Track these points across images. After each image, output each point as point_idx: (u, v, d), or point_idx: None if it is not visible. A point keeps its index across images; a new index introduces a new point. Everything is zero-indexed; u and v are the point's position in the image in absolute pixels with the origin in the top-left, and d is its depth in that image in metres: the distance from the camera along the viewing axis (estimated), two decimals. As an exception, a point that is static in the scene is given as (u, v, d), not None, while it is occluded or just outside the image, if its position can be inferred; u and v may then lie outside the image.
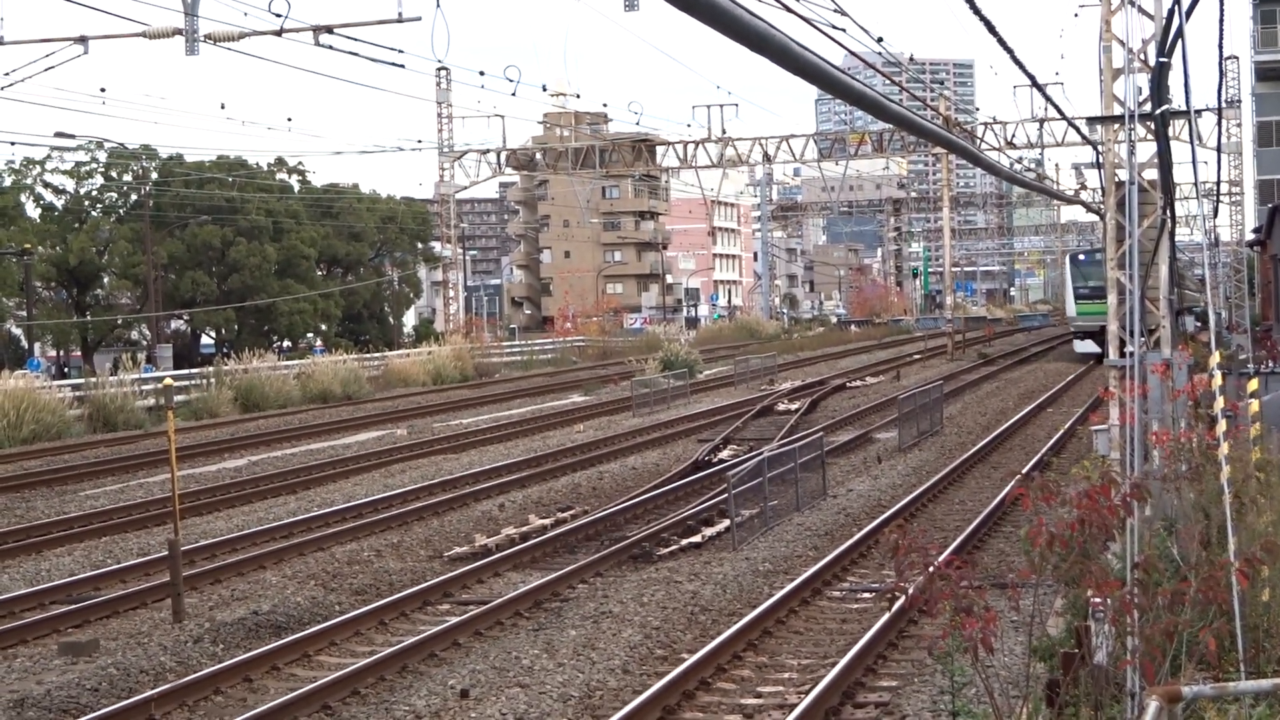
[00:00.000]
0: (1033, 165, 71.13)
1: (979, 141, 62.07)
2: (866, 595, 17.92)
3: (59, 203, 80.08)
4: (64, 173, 78.85)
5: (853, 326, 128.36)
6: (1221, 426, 11.09)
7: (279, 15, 31.13)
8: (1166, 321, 21.74)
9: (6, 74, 37.38)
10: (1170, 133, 18.71)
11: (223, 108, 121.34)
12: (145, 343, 74.35)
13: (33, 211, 79.11)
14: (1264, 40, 72.07)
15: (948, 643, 8.66)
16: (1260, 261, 59.30)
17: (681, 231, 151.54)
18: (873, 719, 12.93)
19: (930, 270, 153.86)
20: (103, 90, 49.00)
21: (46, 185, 79.38)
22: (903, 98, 31.81)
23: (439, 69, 69.26)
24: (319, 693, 13.70)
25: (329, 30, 35.52)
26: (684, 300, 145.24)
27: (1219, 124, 28.97)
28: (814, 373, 62.50)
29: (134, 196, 76.76)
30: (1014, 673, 11.65)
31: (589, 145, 78.15)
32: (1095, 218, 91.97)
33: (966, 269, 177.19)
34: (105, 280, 79.50)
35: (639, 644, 15.50)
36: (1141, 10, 22.00)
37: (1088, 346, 61.85)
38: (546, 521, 23.73)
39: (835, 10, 17.92)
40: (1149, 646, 8.30)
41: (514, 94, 46.43)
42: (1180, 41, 15.73)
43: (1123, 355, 20.42)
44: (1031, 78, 25.47)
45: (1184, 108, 15.33)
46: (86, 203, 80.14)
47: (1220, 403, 11.46)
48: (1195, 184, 23.80)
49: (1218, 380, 11.78)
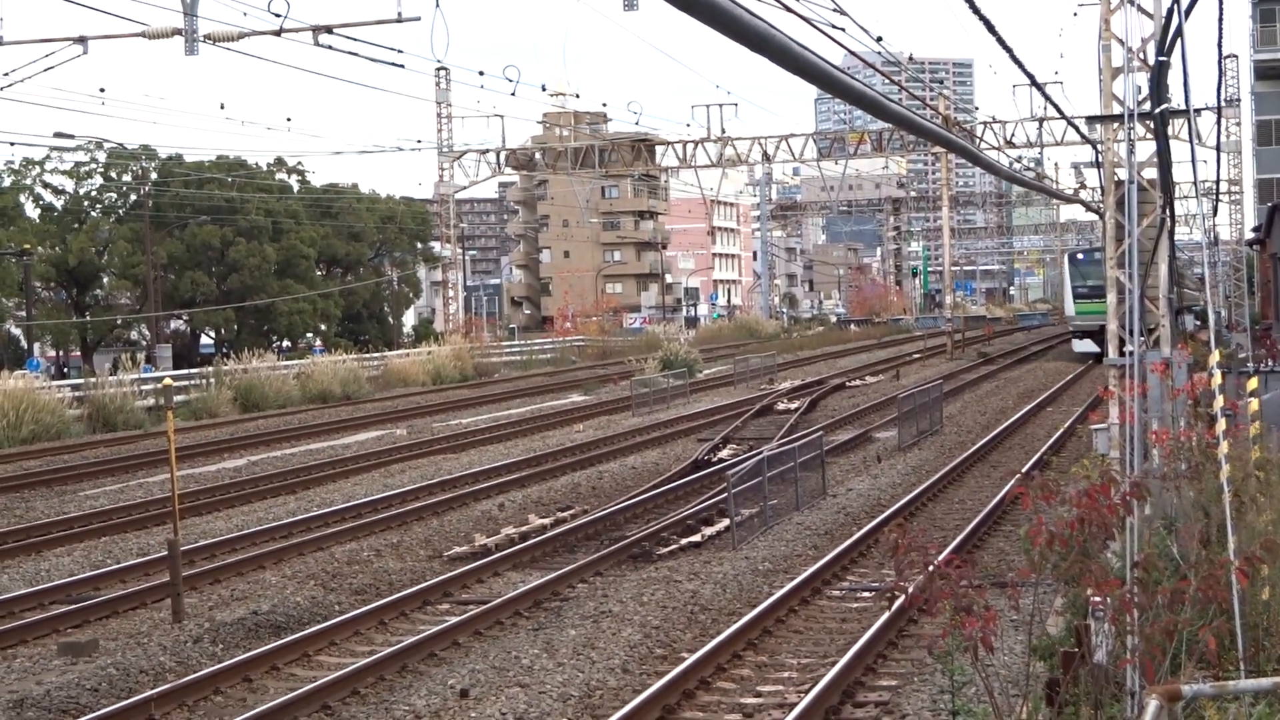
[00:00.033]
0: (1032, 164, 71.19)
1: (978, 141, 62.06)
2: (866, 594, 17.93)
3: (58, 203, 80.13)
4: (63, 173, 78.92)
5: (852, 326, 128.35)
6: (1221, 425, 11.09)
7: (278, 15, 31.15)
8: (1166, 320, 21.74)
9: (6, 74, 37.37)
10: (1170, 131, 18.71)
11: (222, 108, 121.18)
12: (145, 343, 74.34)
13: (32, 212, 79.14)
14: (1263, 39, 72.12)
15: (947, 642, 8.66)
16: (1259, 260, 59.32)
17: (681, 231, 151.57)
18: (873, 718, 12.93)
19: (930, 269, 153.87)
20: (102, 90, 49.08)
21: (46, 185, 79.47)
22: (902, 97, 31.81)
23: (438, 69, 69.32)
24: (319, 693, 13.70)
25: (328, 30, 35.51)
26: (683, 300, 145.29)
27: (1218, 123, 29.00)
28: (813, 372, 62.50)
29: (133, 197, 76.76)
30: (1014, 672, 11.65)
31: (588, 145, 78.14)
32: (1095, 217, 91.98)
33: (966, 268, 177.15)
34: (105, 280, 79.51)
35: (639, 643, 15.50)
36: (1141, 9, 22.01)
37: (1086, 346, 61.61)
38: (546, 521, 23.73)
39: (835, 10, 17.92)
40: (1149, 645, 8.30)
41: (513, 94, 46.45)
42: (1179, 40, 15.74)
43: (1122, 354, 20.45)
44: (1031, 77, 25.47)
45: (1183, 106, 15.32)
46: (86, 203, 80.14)
47: (1220, 401, 11.45)
48: (1194, 183, 23.78)
49: (1217, 379, 11.78)
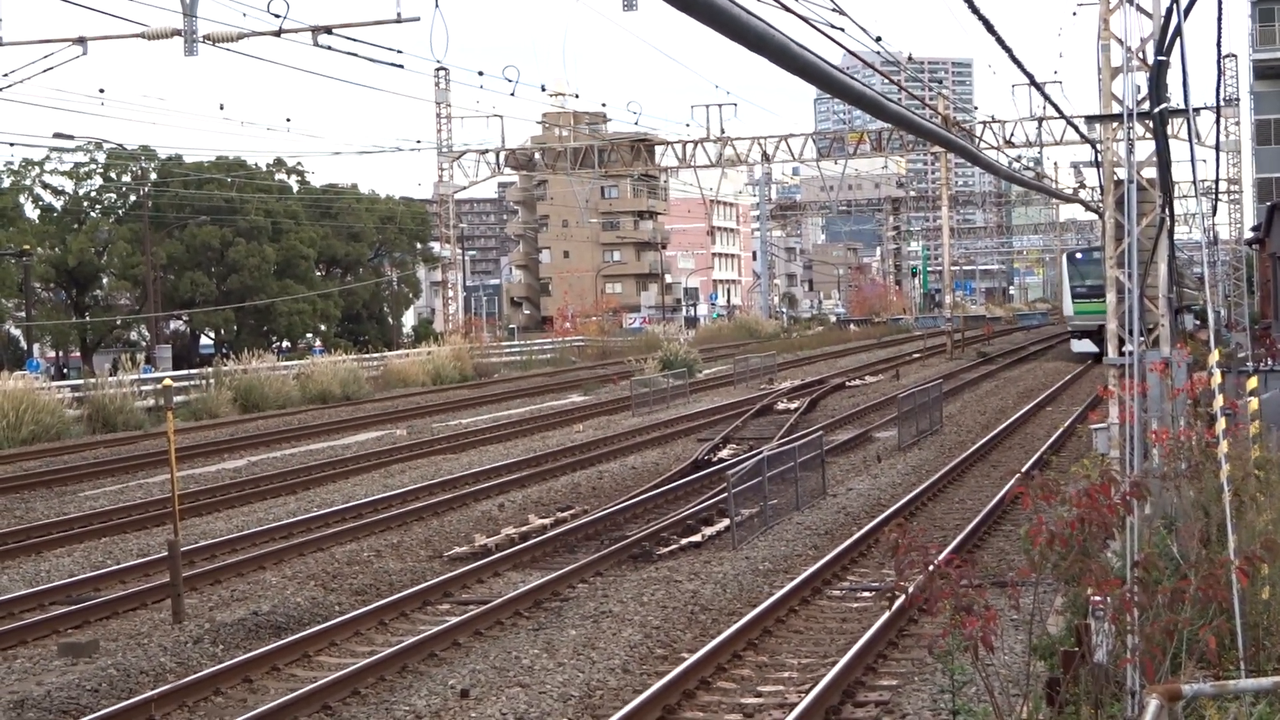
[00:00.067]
0: (1031, 164, 71.08)
1: (978, 140, 62.07)
2: (866, 594, 17.93)
3: (58, 203, 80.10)
4: (63, 173, 78.90)
5: (852, 325, 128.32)
6: (1221, 425, 11.10)
7: (278, 16, 31.13)
8: (1165, 320, 21.74)
9: (5, 75, 37.34)
10: (1169, 131, 18.72)
11: (222, 108, 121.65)
12: (144, 343, 74.34)
13: (32, 212, 79.12)
14: (1262, 38, 72.10)
15: (948, 641, 8.66)
16: (1259, 259, 59.29)
17: (680, 231, 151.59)
18: (873, 718, 12.93)
19: (929, 269, 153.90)
20: (101, 91, 49.16)
21: (45, 186, 79.44)
22: (901, 97, 31.81)
23: (438, 69, 69.36)
24: (319, 693, 13.71)
25: (328, 31, 35.47)
26: (683, 300, 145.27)
27: (1217, 122, 29.05)
28: (813, 372, 62.52)
29: (133, 197, 76.74)
30: (1014, 671, 11.65)
31: (588, 145, 78.12)
32: (1094, 216, 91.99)
33: (965, 268, 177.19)
34: (104, 281, 79.51)
35: (639, 643, 15.50)
36: (1140, 9, 22.01)
37: (1085, 346, 61.28)
38: (546, 521, 23.73)
39: (834, 9, 17.92)
40: (1149, 645, 8.30)
41: (513, 94, 46.48)
42: (1179, 40, 15.75)
43: (1122, 354, 20.45)
44: (1030, 76, 25.49)
45: (1182, 106, 15.32)
46: (85, 203, 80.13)
47: (1219, 401, 11.46)
48: (1194, 182, 23.81)
49: (1217, 378, 11.79)
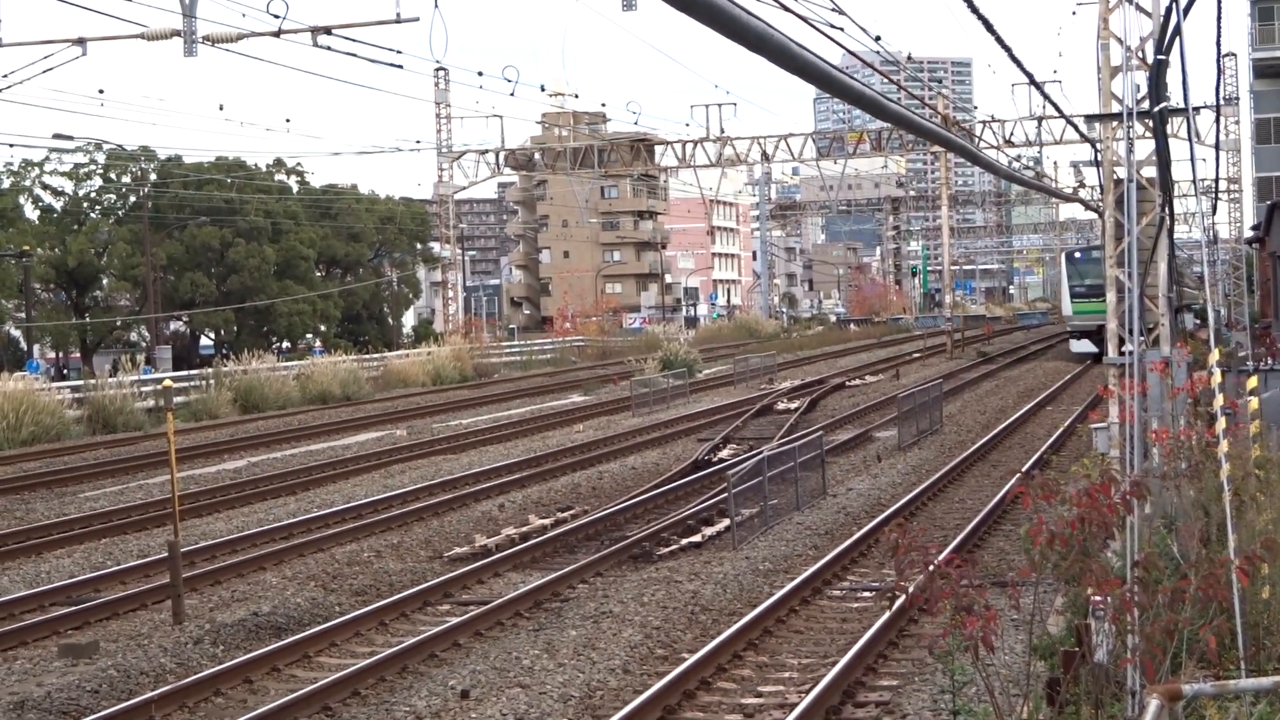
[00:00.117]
0: (1031, 163, 71.13)
1: (977, 140, 62.09)
2: (867, 594, 17.92)
3: (58, 204, 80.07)
4: (62, 174, 78.87)
5: (852, 325, 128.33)
6: (1221, 424, 11.09)
7: (277, 16, 31.14)
8: (1165, 319, 21.74)
9: (5, 75, 37.32)
10: (1168, 130, 18.72)
11: (221, 109, 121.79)
12: (144, 344, 74.33)
13: (31, 213, 79.08)
14: (1262, 37, 72.07)
15: (948, 641, 8.66)
16: (1259, 258, 59.28)
17: (680, 231, 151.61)
18: (873, 718, 12.93)
19: (929, 269, 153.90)
20: (101, 92, 49.08)
21: (45, 187, 79.39)
22: (901, 96, 31.82)
23: (437, 69, 69.40)
24: (319, 694, 13.70)
25: (327, 31, 35.45)
26: (683, 299, 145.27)
27: (1217, 121, 29.03)
28: (813, 371, 62.52)
29: (133, 198, 76.75)
30: (1014, 671, 11.64)
31: (587, 145, 78.12)
32: (1094, 215, 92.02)
33: (965, 267, 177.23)
34: (104, 282, 79.47)
35: (639, 644, 15.50)
36: (1139, 8, 22.00)
37: (1084, 346, 60.78)
38: (546, 521, 23.73)
39: (833, 9, 17.92)
40: (1149, 644, 8.29)
41: (512, 94, 46.60)
42: (1178, 39, 15.75)
43: (1122, 353, 20.45)
44: (1030, 76, 25.51)
45: (1182, 105, 15.32)
46: (85, 204, 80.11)
47: (1220, 400, 11.45)
48: (1194, 181, 23.87)
49: (1217, 378, 11.78)
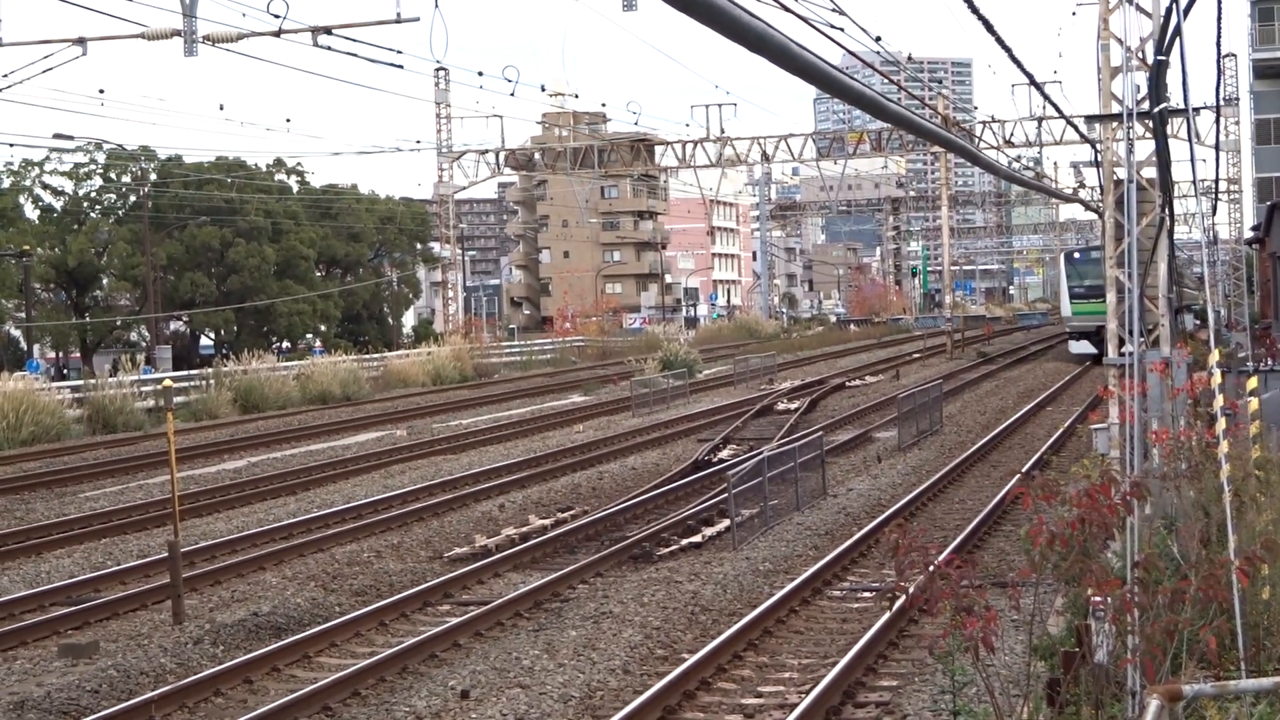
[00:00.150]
0: (1031, 164, 71.08)
1: (977, 140, 62.07)
2: (867, 595, 17.92)
3: (58, 204, 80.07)
4: (63, 174, 78.87)
5: (852, 326, 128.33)
6: (1221, 425, 11.09)
7: (277, 16, 31.14)
8: (1165, 320, 21.74)
9: (5, 75, 37.32)
10: (1168, 130, 18.73)
11: (221, 109, 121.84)
12: (144, 344, 74.32)
13: (31, 213, 79.08)
14: (1262, 38, 72.10)
15: (948, 642, 8.66)
16: (1259, 259, 59.27)
17: (680, 231, 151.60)
18: (874, 718, 12.93)
19: (929, 269, 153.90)
20: (101, 91, 49.12)
21: (45, 187, 79.41)
22: (901, 97, 31.82)
23: (437, 69, 69.40)
24: (319, 694, 13.70)
25: (327, 31, 35.45)
26: (683, 300, 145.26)
27: (1217, 121, 29.06)
28: (813, 372, 62.51)
29: (133, 198, 76.74)
30: (1015, 672, 11.65)
31: (587, 145, 78.11)
32: (1094, 216, 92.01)
33: (965, 268, 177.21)
34: (104, 282, 79.47)
35: (639, 644, 15.50)
36: (1139, 8, 22.00)
37: (1083, 347, 60.02)
38: (546, 522, 23.73)
39: (833, 9, 17.92)
40: (1149, 645, 8.29)
41: (512, 94, 46.61)
42: (1178, 39, 15.75)
43: (1122, 354, 20.45)
44: (1030, 76, 25.50)
45: (1182, 105, 15.32)
46: (85, 204, 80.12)
47: (1220, 401, 11.45)
48: (1194, 182, 23.86)
49: (1217, 378, 11.79)
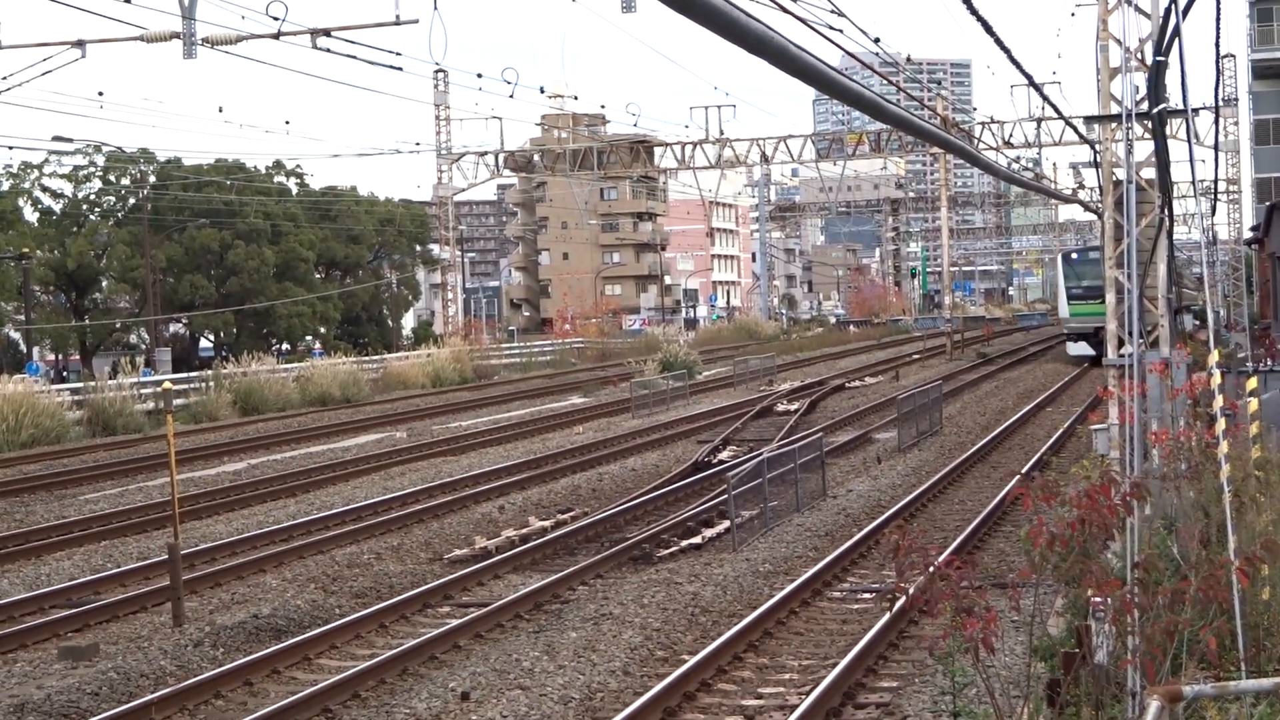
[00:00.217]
0: (1030, 165, 71.18)
1: (976, 141, 62.10)
2: (867, 596, 17.92)
3: (57, 206, 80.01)
4: (62, 176, 78.82)
5: (851, 327, 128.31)
6: (1221, 425, 11.10)
7: (276, 18, 31.18)
8: (1165, 320, 21.75)
9: (4, 77, 37.33)
10: (1168, 131, 18.74)
11: (220, 111, 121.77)
12: (144, 346, 74.33)
13: (31, 215, 79.05)
14: (1261, 38, 72.12)
15: (948, 643, 8.66)
16: (1258, 259, 59.30)
17: (680, 232, 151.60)
18: (874, 719, 12.93)
19: (928, 270, 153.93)
20: (100, 94, 49.26)
21: (44, 189, 79.34)
22: (900, 98, 31.83)
23: (436, 71, 69.37)
24: (319, 696, 13.70)
25: (327, 33, 35.46)
26: (683, 301, 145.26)
27: (1216, 122, 29.10)
28: (813, 373, 62.51)
29: (132, 200, 76.74)
30: (1015, 673, 11.65)
31: (587, 147, 78.10)
32: (1093, 217, 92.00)
33: (965, 269, 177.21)
34: (104, 284, 79.45)
35: (639, 645, 15.50)
36: (1138, 9, 22.00)
37: (1082, 349, 59.50)
38: (546, 523, 23.73)
39: (832, 11, 17.93)
40: (1150, 646, 8.30)
41: (512, 96, 46.82)
42: (1177, 40, 15.77)
43: (1121, 354, 20.45)
44: (1029, 77, 25.54)
45: (1181, 106, 15.34)
46: (84, 206, 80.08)
47: (1219, 401, 11.46)
48: (1193, 182, 23.86)
49: (1216, 379, 11.79)
